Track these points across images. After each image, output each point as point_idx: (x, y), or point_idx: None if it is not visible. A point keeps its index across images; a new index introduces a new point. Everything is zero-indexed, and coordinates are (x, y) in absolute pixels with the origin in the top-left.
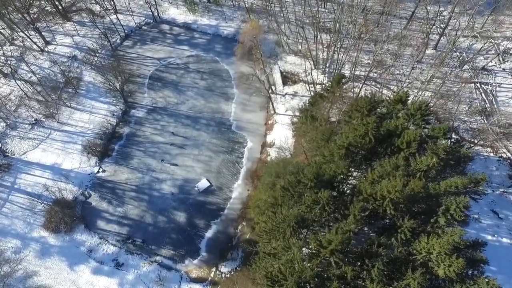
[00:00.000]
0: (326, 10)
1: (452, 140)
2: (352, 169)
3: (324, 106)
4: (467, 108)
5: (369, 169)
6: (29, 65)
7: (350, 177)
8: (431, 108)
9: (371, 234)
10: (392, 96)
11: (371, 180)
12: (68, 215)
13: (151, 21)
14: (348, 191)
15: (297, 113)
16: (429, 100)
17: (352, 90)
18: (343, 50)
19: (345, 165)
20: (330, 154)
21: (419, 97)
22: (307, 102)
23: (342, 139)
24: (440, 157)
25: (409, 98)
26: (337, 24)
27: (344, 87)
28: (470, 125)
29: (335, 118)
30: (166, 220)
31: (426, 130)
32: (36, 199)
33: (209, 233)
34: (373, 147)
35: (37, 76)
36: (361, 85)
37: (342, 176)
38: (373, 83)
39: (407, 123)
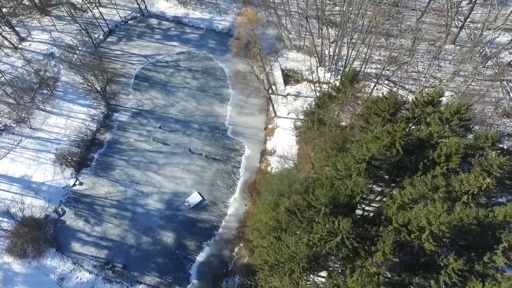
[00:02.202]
0: (331, 2)
1: (498, 151)
2: (373, 186)
3: (333, 108)
4: (492, 110)
5: (397, 189)
6: None
7: (371, 197)
8: None
9: (402, 274)
10: (417, 96)
11: (400, 204)
12: (37, 237)
13: (138, 15)
14: (366, 213)
15: (301, 116)
16: (452, 100)
17: (363, 90)
18: (351, 45)
19: (366, 183)
20: (346, 168)
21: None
22: (313, 103)
23: (362, 152)
24: (494, 176)
25: (441, 99)
26: (345, 16)
27: (357, 86)
28: (498, 129)
29: (346, 122)
30: (151, 241)
31: (467, 138)
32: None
33: (200, 257)
34: (401, 160)
35: (8, 76)
36: (373, 84)
37: (361, 196)
38: (386, 82)
39: (444, 131)
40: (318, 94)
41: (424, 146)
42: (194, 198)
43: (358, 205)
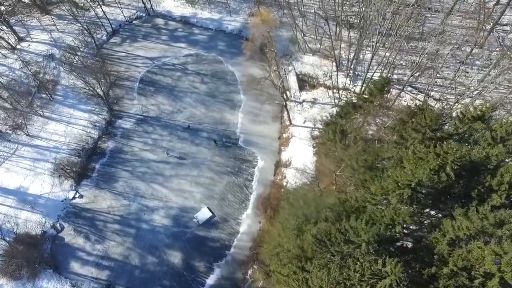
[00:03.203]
0: (348, 2)
1: None
2: (416, 214)
3: (358, 119)
4: None
5: (447, 220)
6: None
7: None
8: None
9: None
10: (462, 110)
11: (452, 238)
12: (33, 256)
13: (143, 15)
14: (406, 244)
15: (320, 125)
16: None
17: (385, 98)
18: (374, 48)
19: (410, 212)
20: (383, 193)
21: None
22: (334, 113)
23: (406, 176)
24: None
25: (493, 115)
26: (367, 18)
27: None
28: None
29: (371, 134)
30: (157, 261)
31: None
32: None
33: (211, 279)
34: (450, 186)
35: (4, 79)
36: (395, 91)
37: (402, 226)
38: (408, 89)
39: (504, 154)
40: (336, 101)
41: (478, 170)
42: (204, 214)
43: (398, 235)
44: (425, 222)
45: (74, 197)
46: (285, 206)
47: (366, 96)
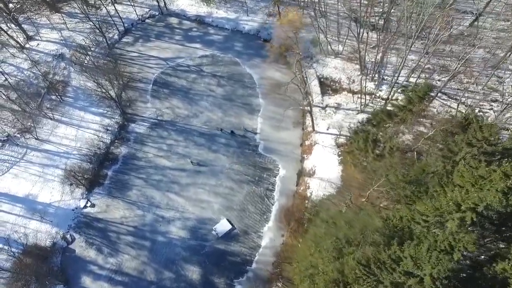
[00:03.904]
0: (370, 2)
1: None
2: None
3: (392, 127)
4: None
5: None
6: (3, 65)
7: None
8: None
9: None
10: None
11: None
12: (42, 269)
13: (157, 13)
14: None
15: (345, 133)
16: None
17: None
18: (395, 50)
19: (473, 239)
20: (437, 214)
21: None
22: (364, 121)
23: (472, 198)
24: None
25: None
26: (396, 18)
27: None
28: None
29: (406, 143)
30: (174, 276)
31: None
32: None
33: None
34: None
35: (12, 79)
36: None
37: (462, 253)
38: (438, 94)
39: None
40: (362, 107)
41: None
42: (223, 226)
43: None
44: (483, 247)
45: (85, 206)
46: (318, 223)
47: (403, 104)
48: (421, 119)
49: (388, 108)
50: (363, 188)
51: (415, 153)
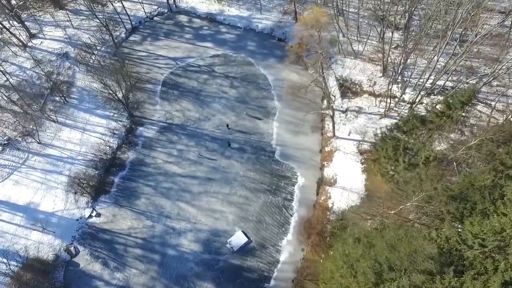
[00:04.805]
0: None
1: None
2: None
3: (424, 135)
4: None
5: None
6: (5, 64)
7: None
8: None
9: None
10: None
11: None
12: (44, 285)
13: (165, 11)
14: None
15: (368, 138)
16: None
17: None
18: (417, 52)
19: None
20: (498, 238)
21: None
22: (392, 126)
23: None
24: None
25: None
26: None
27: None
28: None
29: (442, 153)
30: None
31: None
32: None
33: None
34: None
35: (14, 79)
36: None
37: None
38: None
39: None
40: (385, 111)
41: None
42: (238, 238)
43: None
44: None
45: (90, 216)
46: (348, 241)
47: (441, 110)
48: (460, 127)
49: (422, 114)
50: (390, 199)
51: (455, 163)
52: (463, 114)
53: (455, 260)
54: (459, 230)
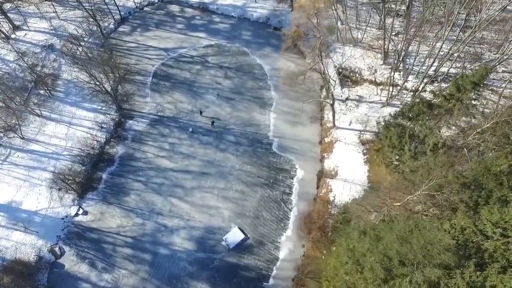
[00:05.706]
0: None
1: None
2: None
3: (433, 121)
4: None
5: None
6: None
7: None
8: None
9: None
10: None
11: None
12: None
13: (156, 1)
14: None
15: (370, 128)
16: None
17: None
18: (419, 38)
19: None
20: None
21: None
22: (397, 114)
23: None
24: None
25: None
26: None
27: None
28: None
29: (450, 139)
30: None
31: None
32: None
33: None
34: None
35: None
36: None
37: None
38: None
39: None
40: (387, 100)
41: None
42: (234, 235)
43: None
44: None
45: (76, 214)
46: (352, 234)
47: (451, 93)
48: (471, 110)
49: (428, 98)
50: (395, 190)
51: (466, 149)
52: (474, 96)
53: (472, 253)
54: (475, 220)
